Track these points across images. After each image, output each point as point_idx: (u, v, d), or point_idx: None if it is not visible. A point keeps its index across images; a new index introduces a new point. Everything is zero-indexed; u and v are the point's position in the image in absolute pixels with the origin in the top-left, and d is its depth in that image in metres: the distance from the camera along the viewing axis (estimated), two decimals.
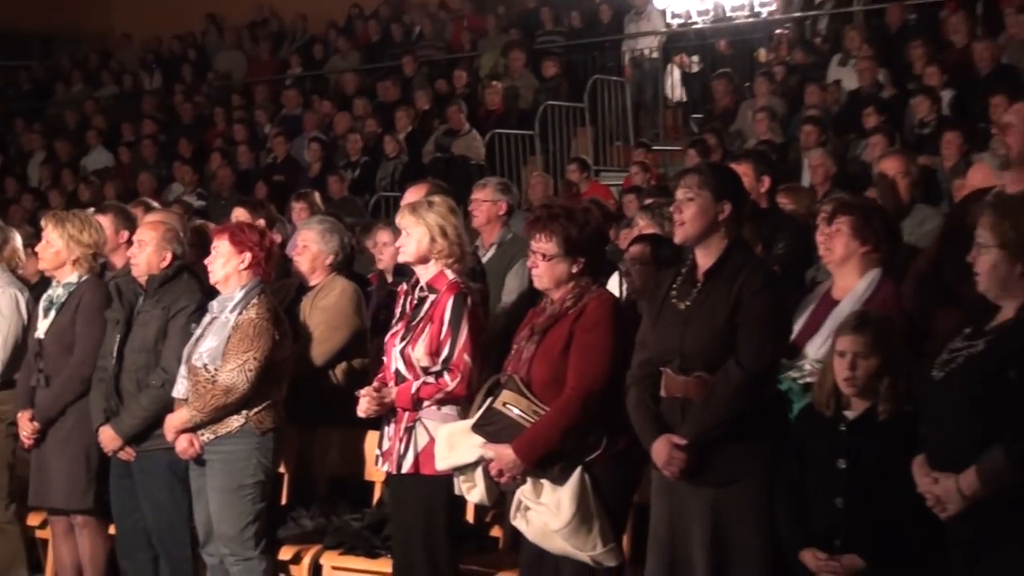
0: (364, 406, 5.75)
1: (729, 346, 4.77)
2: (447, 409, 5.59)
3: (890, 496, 4.50)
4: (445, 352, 5.57)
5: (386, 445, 5.77)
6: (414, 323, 5.68)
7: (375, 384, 5.78)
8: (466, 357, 5.55)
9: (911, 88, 12.68)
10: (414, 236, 5.70)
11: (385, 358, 5.83)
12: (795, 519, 4.70)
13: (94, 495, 6.69)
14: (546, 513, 5.08)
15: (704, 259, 4.92)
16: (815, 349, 5.17)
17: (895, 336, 4.70)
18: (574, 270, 5.20)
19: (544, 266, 5.20)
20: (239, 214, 7.78)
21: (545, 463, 5.08)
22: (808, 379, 5.00)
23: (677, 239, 5.01)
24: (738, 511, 4.80)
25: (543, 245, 5.18)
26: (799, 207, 7.40)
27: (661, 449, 4.81)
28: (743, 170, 6.89)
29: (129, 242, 6.77)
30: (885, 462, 4.52)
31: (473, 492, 5.38)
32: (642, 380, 4.96)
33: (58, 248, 6.76)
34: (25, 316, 7.07)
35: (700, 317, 4.84)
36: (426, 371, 5.61)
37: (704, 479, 4.81)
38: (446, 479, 5.45)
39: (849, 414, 4.67)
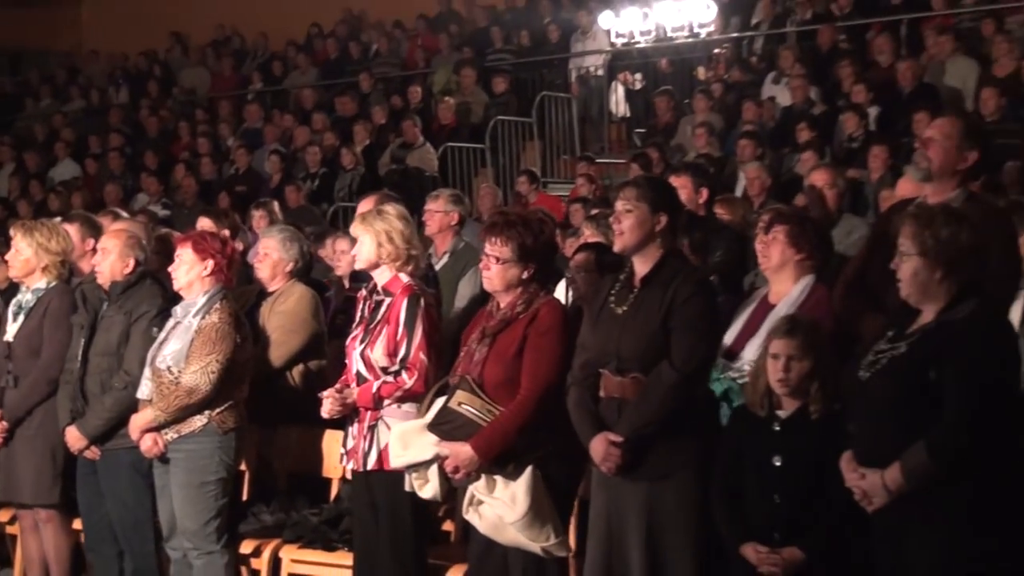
0: (328, 407, 5.74)
1: (663, 348, 4.80)
2: (407, 407, 5.56)
3: (824, 491, 4.53)
4: (402, 352, 5.57)
5: (350, 444, 5.75)
6: (372, 326, 5.68)
7: (337, 386, 5.77)
8: (422, 355, 5.55)
9: (840, 105, 12.77)
10: (364, 243, 5.71)
11: (347, 361, 5.82)
12: (734, 515, 4.71)
13: (60, 491, 6.65)
14: (501, 506, 5.08)
15: (641, 267, 4.95)
16: (753, 351, 5.21)
17: (824, 339, 4.74)
18: (524, 276, 5.21)
19: (497, 269, 5.20)
20: (204, 223, 7.76)
21: (500, 460, 5.09)
22: (747, 379, 5.02)
23: (616, 248, 5.04)
24: (672, 504, 4.83)
25: (498, 249, 5.19)
26: (735, 217, 7.45)
27: (598, 446, 4.85)
28: (682, 182, 6.93)
29: (95, 250, 6.71)
30: (818, 458, 4.54)
31: (426, 488, 5.37)
32: (582, 381, 4.98)
33: (27, 256, 6.73)
34: None
35: (636, 321, 4.87)
36: (385, 371, 5.60)
37: (639, 474, 4.84)
38: None
39: (782, 413, 4.70)
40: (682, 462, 4.83)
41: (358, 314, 5.85)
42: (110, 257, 6.43)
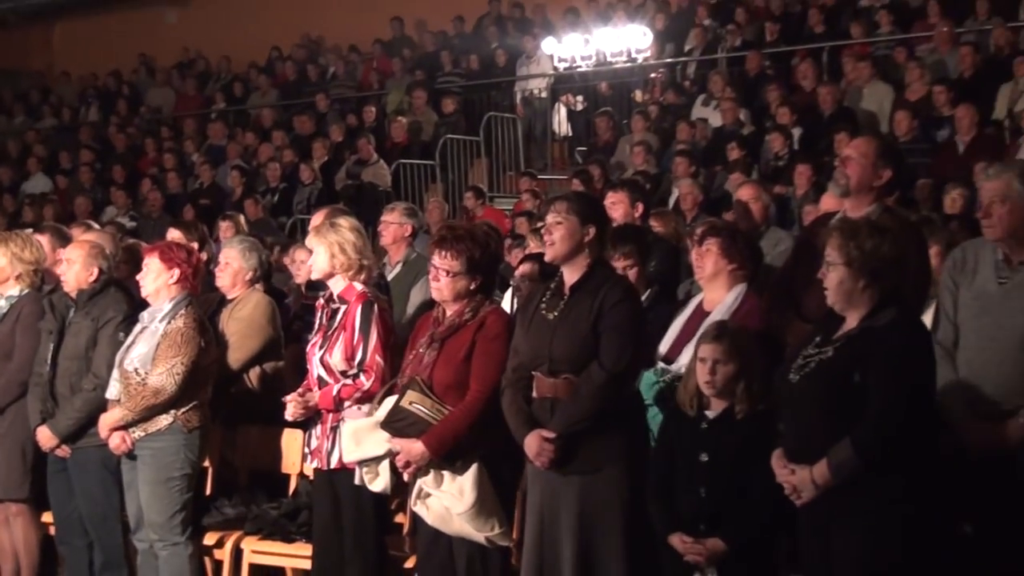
0: (291, 411, 5.72)
1: (592, 351, 4.81)
2: (366, 407, 5.52)
3: (747, 485, 4.55)
4: (359, 356, 5.55)
5: (314, 444, 5.73)
6: (330, 332, 5.66)
7: (300, 390, 5.75)
8: (378, 358, 5.54)
9: (767, 126, 12.91)
10: (318, 254, 5.70)
11: (308, 366, 5.79)
12: (664, 507, 4.72)
13: (29, 486, 6.61)
14: (449, 499, 5.09)
15: (570, 275, 4.96)
16: (689, 355, 5.21)
17: (750, 344, 4.75)
18: (472, 287, 5.20)
19: (446, 281, 5.18)
20: (174, 235, 7.71)
21: (449, 456, 5.09)
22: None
23: (547, 257, 5.03)
24: (602, 496, 4.84)
25: (448, 262, 5.17)
26: (668, 230, 7.47)
27: (532, 442, 4.85)
28: (620, 197, 6.97)
29: None
30: (742, 456, 4.57)
31: (376, 482, 5.38)
32: (516, 383, 4.98)
33: (2, 265, 6.70)
34: None
35: (567, 326, 4.87)
36: (344, 374, 5.58)
37: (571, 468, 4.84)
38: None
39: (710, 413, 4.72)
40: (611, 457, 4.83)
41: (316, 322, 5.83)
42: (74, 267, 6.41)
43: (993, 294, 4.85)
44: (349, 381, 5.58)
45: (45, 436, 6.33)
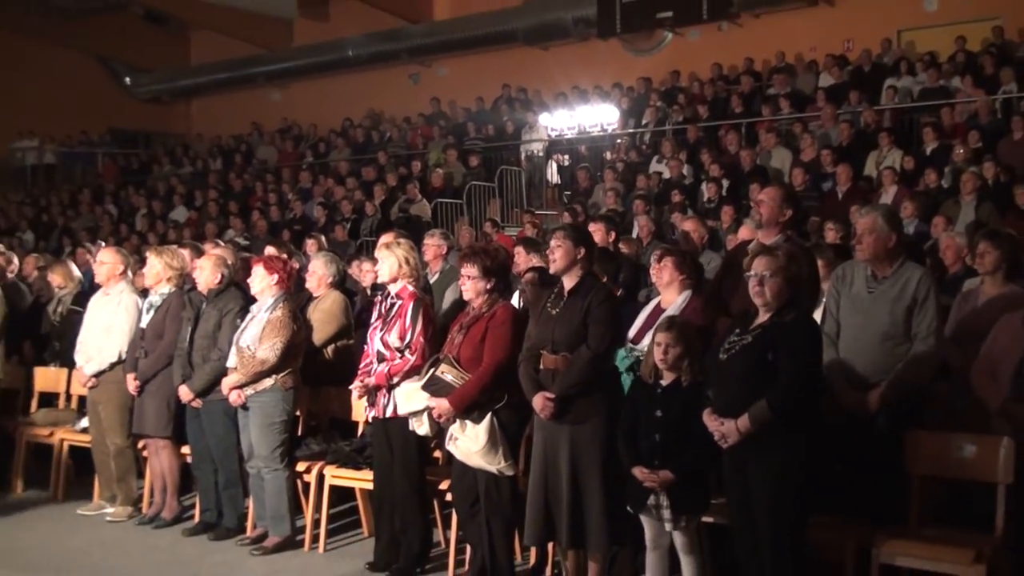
0: (357, 393, 5.72)
1: (582, 337, 4.82)
2: (415, 377, 5.50)
3: (689, 433, 4.54)
4: (408, 337, 5.56)
5: (374, 400, 5.71)
6: (389, 319, 5.66)
7: (360, 377, 5.70)
8: (421, 340, 5.54)
9: (703, 178, 12.88)
10: (387, 263, 5.69)
11: (368, 344, 5.78)
12: (630, 448, 4.71)
13: (173, 428, 6.67)
14: (469, 440, 5.11)
15: (568, 283, 4.98)
16: (649, 339, 5.22)
17: (693, 333, 4.75)
18: (488, 287, 5.24)
19: (470, 284, 5.24)
20: (270, 250, 7.73)
21: (468, 410, 5.11)
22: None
23: (551, 270, 5.06)
24: (587, 440, 4.84)
25: (470, 271, 5.22)
26: (631, 251, 7.47)
27: (538, 401, 4.86)
28: (599, 227, 6.96)
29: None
30: (685, 413, 4.56)
31: (421, 428, 5.40)
32: (528, 359, 4.99)
33: (158, 270, 6.76)
34: (139, 314, 6.96)
35: (565, 319, 4.88)
36: (397, 350, 5.57)
37: (565, 420, 4.85)
38: None
39: (663, 382, 4.70)
40: (594, 412, 4.83)
41: (375, 313, 5.82)
42: (204, 272, 6.47)
43: (864, 300, 4.86)
44: (399, 356, 5.56)
45: (185, 392, 6.36)
